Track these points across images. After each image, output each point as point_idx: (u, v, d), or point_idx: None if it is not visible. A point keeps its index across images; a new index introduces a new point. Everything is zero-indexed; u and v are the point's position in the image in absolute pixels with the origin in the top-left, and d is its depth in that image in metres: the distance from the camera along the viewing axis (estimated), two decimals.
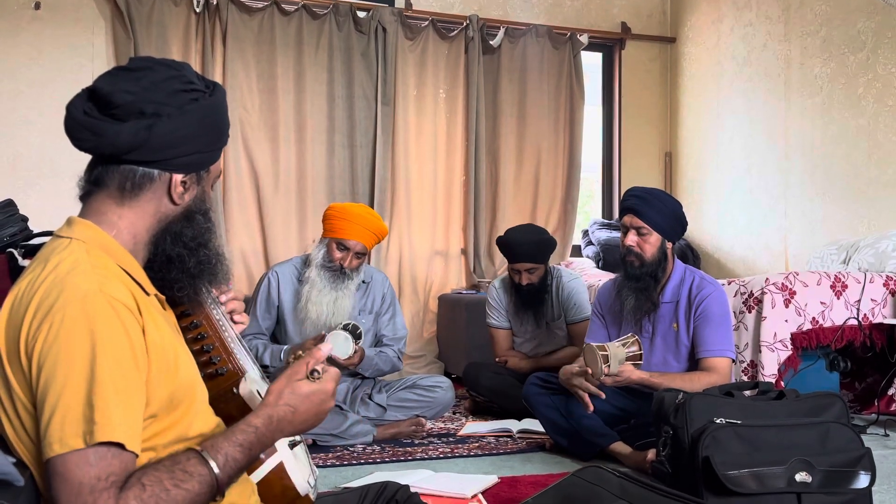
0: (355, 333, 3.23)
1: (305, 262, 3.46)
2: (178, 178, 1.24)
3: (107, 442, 1.05)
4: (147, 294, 1.21)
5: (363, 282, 3.49)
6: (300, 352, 1.31)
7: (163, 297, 1.27)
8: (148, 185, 1.22)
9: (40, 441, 1.07)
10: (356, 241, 3.30)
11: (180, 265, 1.27)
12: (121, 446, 1.06)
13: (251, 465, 1.21)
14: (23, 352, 1.08)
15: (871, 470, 2.07)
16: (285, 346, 3.35)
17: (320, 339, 3.21)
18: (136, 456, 1.09)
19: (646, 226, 2.97)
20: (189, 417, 1.21)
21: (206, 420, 1.26)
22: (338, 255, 3.32)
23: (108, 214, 1.22)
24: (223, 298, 1.50)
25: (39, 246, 2.69)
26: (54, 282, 1.10)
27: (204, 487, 1.10)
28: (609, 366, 2.76)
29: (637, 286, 3.00)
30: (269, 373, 3.27)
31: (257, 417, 1.19)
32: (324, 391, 1.23)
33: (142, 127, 1.17)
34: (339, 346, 3.19)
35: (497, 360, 4.03)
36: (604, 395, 2.88)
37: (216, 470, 1.11)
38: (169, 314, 1.30)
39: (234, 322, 1.51)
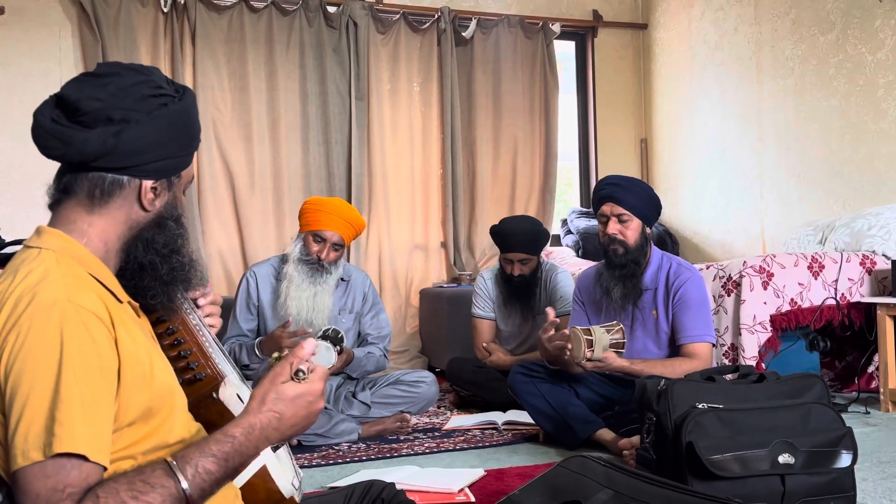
0: (337, 339, 3.20)
1: (283, 260, 3.44)
2: (148, 184, 1.22)
3: (66, 453, 1.02)
4: (120, 302, 1.20)
5: (342, 280, 3.46)
6: (279, 353, 1.26)
7: (136, 305, 1.26)
8: (118, 191, 1.20)
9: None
10: (332, 231, 3.27)
11: (153, 272, 1.26)
12: (82, 458, 1.03)
13: (233, 476, 1.15)
14: None
15: (853, 449, 2.08)
16: (256, 340, 3.32)
17: (293, 332, 3.15)
18: (103, 468, 1.07)
19: (626, 212, 2.97)
20: (168, 425, 1.20)
21: (186, 426, 1.25)
22: (315, 247, 3.29)
23: (78, 223, 1.20)
24: (201, 302, 1.48)
25: (11, 255, 2.64)
26: (24, 292, 1.09)
27: (167, 500, 1.05)
28: (593, 350, 2.76)
29: (622, 273, 3.00)
30: (251, 370, 3.26)
31: (237, 427, 1.13)
32: (312, 392, 1.17)
33: (110, 133, 1.16)
34: (322, 356, 3.16)
35: (479, 352, 4.00)
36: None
37: (183, 483, 1.06)
38: (143, 322, 1.29)
39: (211, 325, 1.49)
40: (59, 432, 1.02)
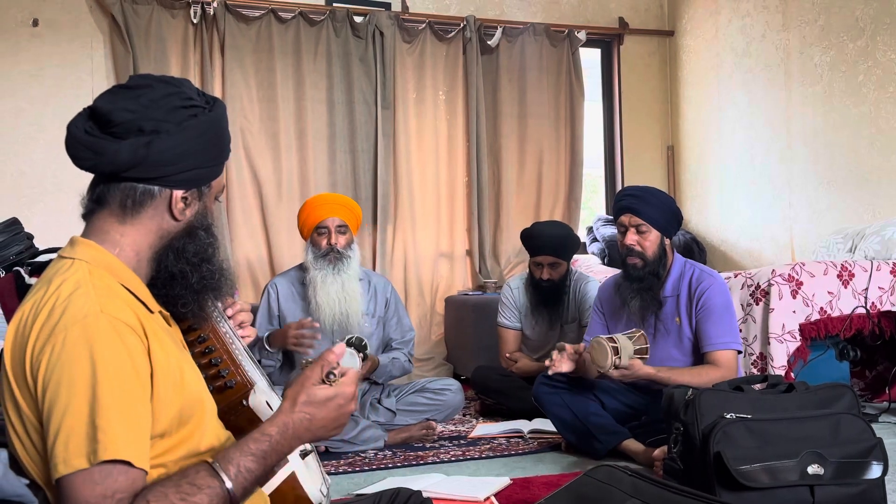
0: (360, 346, 3.22)
1: (301, 268, 3.48)
2: (178, 194, 1.24)
3: (112, 460, 1.05)
4: (151, 312, 1.22)
5: (360, 279, 3.47)
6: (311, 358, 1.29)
7: (167, 314, 1.28)
8: (149, 201, 1.23)
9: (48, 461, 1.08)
10: (331, 217, 3.34)
11: (183, 281, 1.27)
12: (127, 464, 1.06)
13: (268, 474, 1.19)
14: (28, 373, 1.09)
15: (884, 460, 2.06)
16: (265, 333, 3.33)
17: (300, 324, 3.18)
18: (146, 473, 1.09)
19: (644, 223, 2.97)
20: (199, 433, 1.22)
21: (216, 434, 1.26)
22: (322, 239, 3.36)
23: (110, 233, 1.22)
24: (230, 312, 1.50)
25: (46, 263, 2.69)
26: (57, 303, 1.11)
27: (214, 500, 1.08)
28: (620, 358, 2.75)
29: (641, 286, 2.99)
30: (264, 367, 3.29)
31: (273, 425, 1.17)
32: (343, 395, 1.21)
33: (140, 144, 1.18)
34: (346, 362, 3.17)
35: (507, 357, 3.99)
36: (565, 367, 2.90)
37: (227, 482, 1.10)
38: (174, 330, 1.31)
39: (242, 335, 1.51)
40: (103, 439, 1.04)
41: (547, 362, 2.93)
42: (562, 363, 2.91)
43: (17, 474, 1.13)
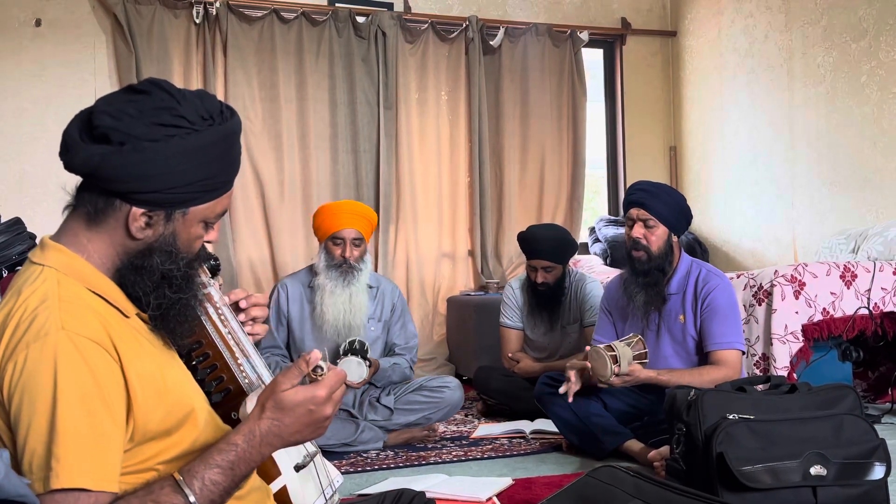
0: (363, 350, 3.23)
1: (311, 271, 3.48)
2: (137, 211, 1.17)
3: (64, 489, 1.03)
4: (126, 316, 1.18)
5: (370, 286, 3.48)
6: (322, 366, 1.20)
7: (145, 316, 1.22)
8: (111, 212, 1.17)
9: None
10: (348, 228, 3.32)
11: (138, 304, 1.21)
12: (85, 490, 1.04)
13: (241, 482, 1.15)
14: None
15: (887, 461, 2.06)
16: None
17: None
18: (111, 493, 1.07)
19: (653, 218, 2.97)
20: (194, 433, 1.20)
21: (213, 432, 1.24)
22: (337, 250, 3.34)
23: (79, 236, 1.19)
24: (243, 304, 1.43)
25: None
26: (23, 318, 1.09)
27: None
28: (619, 366, 2.76)
29: (645, 281, 2.99)
30: None
31: (239, 434, 1.13)
32: (313, 400, 1.14)
33: (97, 153, 1.13)
34: (353, 371, 3.19)
35: (510, 356, 3.99)
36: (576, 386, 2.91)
37: (191, 497, 1.07)
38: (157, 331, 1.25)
39: (252, 332, 1.43)
40: (57, 468, 1.03)
41: (561, 391, 2.92)
42: (573, 386, 2.90)
43: (18, 474, 1.12)
